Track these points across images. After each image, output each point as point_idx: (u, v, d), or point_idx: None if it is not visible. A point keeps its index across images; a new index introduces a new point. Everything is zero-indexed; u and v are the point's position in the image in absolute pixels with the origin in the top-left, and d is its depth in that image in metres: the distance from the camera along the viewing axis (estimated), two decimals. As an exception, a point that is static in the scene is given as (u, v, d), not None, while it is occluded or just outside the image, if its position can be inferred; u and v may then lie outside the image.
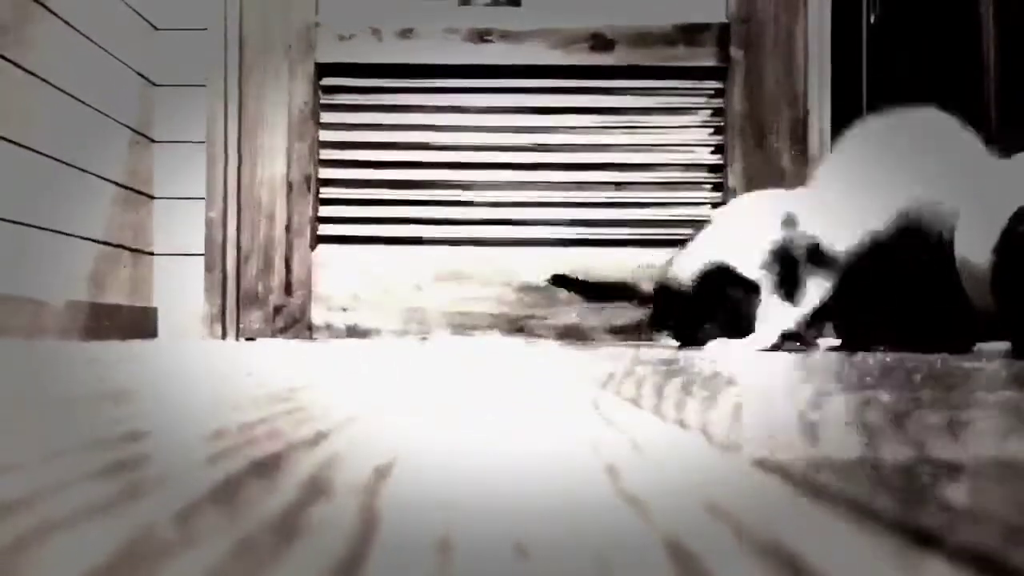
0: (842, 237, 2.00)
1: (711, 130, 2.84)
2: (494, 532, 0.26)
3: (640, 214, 2.81)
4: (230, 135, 2.79)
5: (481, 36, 2.83)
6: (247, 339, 2.78)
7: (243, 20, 2.82)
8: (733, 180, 2.79)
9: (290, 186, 2.82)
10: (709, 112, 2.84)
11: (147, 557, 0.23)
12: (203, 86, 2.77)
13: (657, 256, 2.82)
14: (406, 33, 2.83)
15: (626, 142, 2.84)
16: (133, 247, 2.66)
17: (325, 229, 2.82)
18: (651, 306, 2.30)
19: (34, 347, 1.85)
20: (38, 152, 2.17)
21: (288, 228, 2.82)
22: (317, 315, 2.80)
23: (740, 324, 2.04)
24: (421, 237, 2.82)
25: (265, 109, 2.82)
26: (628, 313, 2.81)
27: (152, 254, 2.77)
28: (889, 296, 1.96)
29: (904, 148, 1.95)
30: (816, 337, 2.24)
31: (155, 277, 2.78)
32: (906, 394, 0.77)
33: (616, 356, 1.71)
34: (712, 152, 2.83)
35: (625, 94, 2.84)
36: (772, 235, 2.04)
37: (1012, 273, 1.66)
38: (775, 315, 2.04)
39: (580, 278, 2.50)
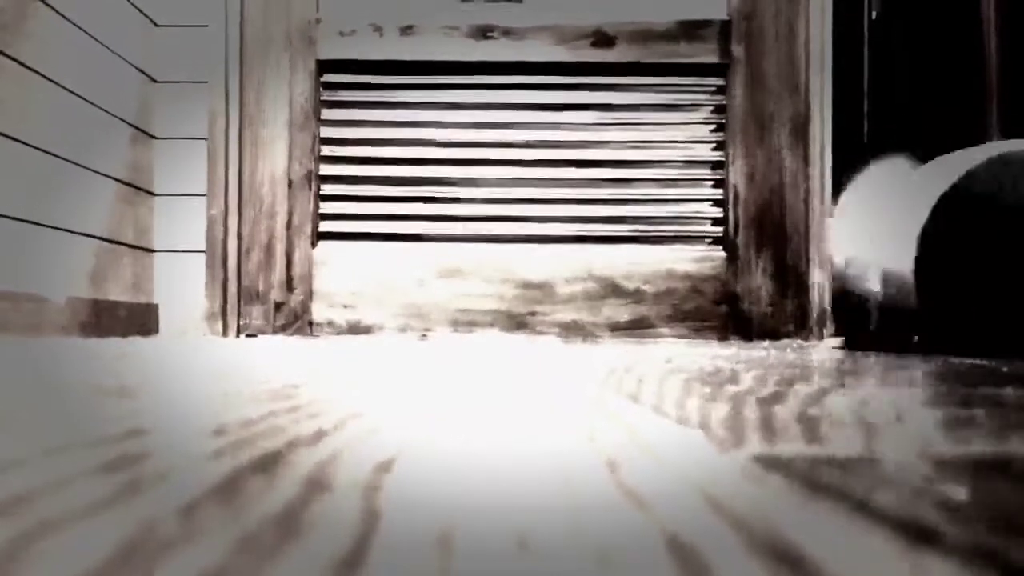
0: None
1: (712, 126, 2.83)
2: (495, 528, 0.26)
3: (641, 211, 2.81)
4: (231, 132, 2.79)
5: (483, 32, 2.83)
6: (248, 336, 2.78)
7: (244, 16, 2.81)
8: (734, 176, 2.79)
9: (291, 183, 2.82)
10: (710, 108, 2.84)
11: (149, 553, 0.23)
12: (204, 82, 2.77)
13: (657, 253, 2.82)
14: (407, 29, 2.83)
15: (627, 138, 2.83)
16: (134, 244, 2.66)
17: (326, 226, 2.82)
18: None
19: (35, 344, 1.85)
20: (38, 148, 2.17)
21: (289, 225, 2.82)
22: (318, 312, 2.80)
23: None
24: (422, 234, 2.82)
25: (266, 106, 2.82)
26: (628, 310, 2.81)
27: (153, 251, 2.77)
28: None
29: None
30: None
31: (156, 274, 2.78)
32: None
33: (617, 353, 1.71)
34: (713, 148, 2.83)
35: (626, 90, 2.84)
36: None
37: (931, 272, 1.68)
38: None
39: None
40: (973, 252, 1.62)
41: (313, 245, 2.85)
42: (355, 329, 2.83)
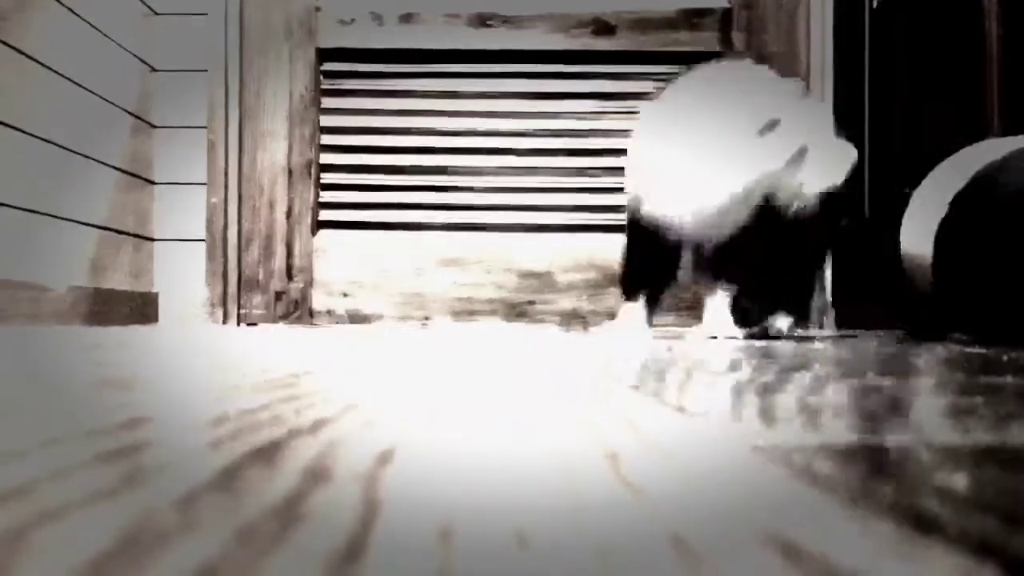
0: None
1: (713, 115, 2.83)
2: (495, 520, 0.26)
3: (641, 200, 2.81)
4: (231, 120, 2.79)
5: (483, 21, 2.82)
6: (248, 325, 2.78)
7: (243, 5, 2.80)
8: (735, 166, 2.79)
9: (291, 172, 2.82)
10: (711, 97, 2.83)
11: (148, 544, 0.23)
12: (203, 71, 2.76)
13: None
14: (407, 18, 2.82)
15: (628, 127, 2.83)
16: (134, 232, 2.66)
17: (326, 215, 2.81)
18: None
19: (35, 332, 1.85)
20: (38, 137, 2.17)
21: (289, 214, 2.81)
22: (318, 300, 2.80)
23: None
24: (422, 223, 2.81)
25: (266, 94, 2.81)
26: (629, 299, 2.80)
27: (153, 239, 2.77)
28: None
29: None
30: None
31: (156, 262, 2.78)
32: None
33: (617, 341, 1.71)
34: (714, 137, 2.82)
35: (627, 79, 2.83)
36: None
37: (950, 259, 1.69)
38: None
39: None
40: (992, 239, 1.63)
41: (313, 234, 2.85)
42: (355, 318, 2.83)
